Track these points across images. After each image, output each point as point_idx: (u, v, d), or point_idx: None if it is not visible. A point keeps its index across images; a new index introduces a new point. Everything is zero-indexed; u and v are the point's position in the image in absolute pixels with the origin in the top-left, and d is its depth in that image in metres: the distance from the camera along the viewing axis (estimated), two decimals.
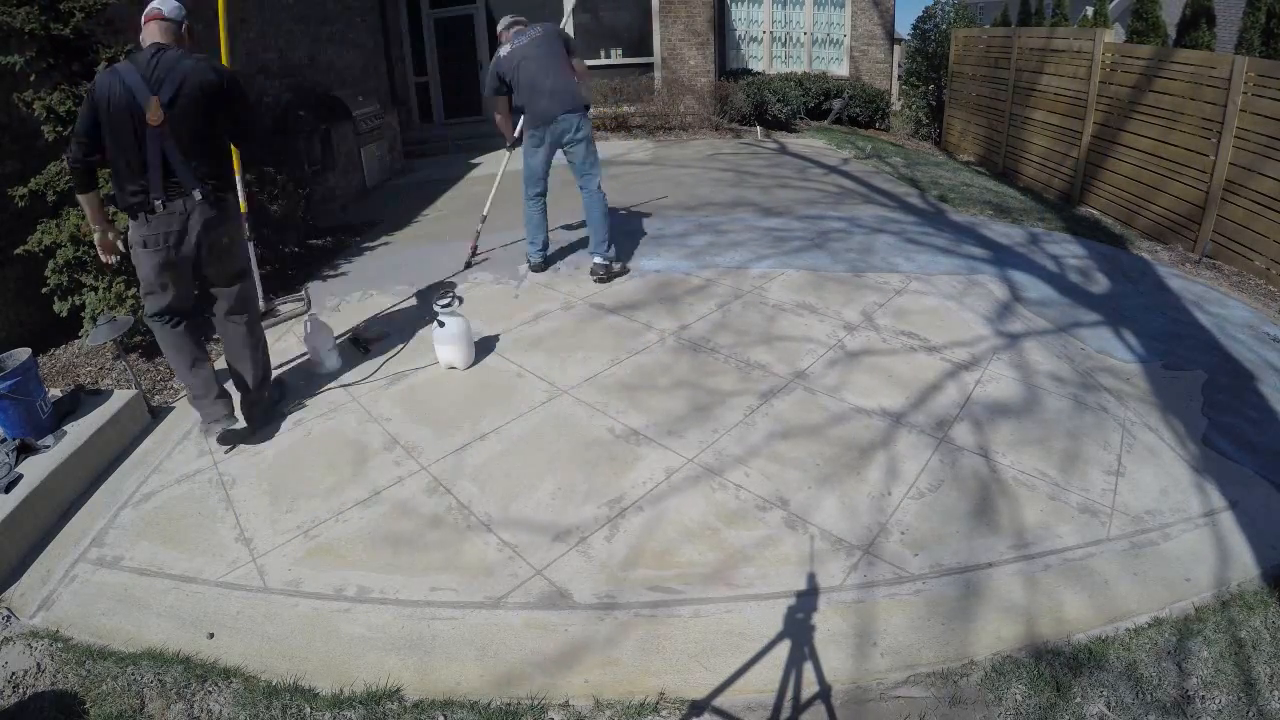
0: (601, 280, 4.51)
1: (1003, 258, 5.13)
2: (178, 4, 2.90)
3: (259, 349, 3.22)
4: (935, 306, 4.26)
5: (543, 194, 4.67)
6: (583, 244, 5.36)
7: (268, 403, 3.33)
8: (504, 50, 4.36)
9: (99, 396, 3.27)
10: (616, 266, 4.58)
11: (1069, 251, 5.42)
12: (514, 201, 6.94)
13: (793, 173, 7.63)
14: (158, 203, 2.77)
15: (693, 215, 5.99)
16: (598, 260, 4.53)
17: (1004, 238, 5.63)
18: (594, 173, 4.49)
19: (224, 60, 3.17)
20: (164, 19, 2.82)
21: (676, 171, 7.75)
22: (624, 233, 5.60)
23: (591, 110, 10.93)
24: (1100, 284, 4.81)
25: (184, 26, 2.90)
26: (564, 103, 4.29)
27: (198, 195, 2.81)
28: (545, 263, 4.85)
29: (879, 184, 7.23)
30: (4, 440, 2.90)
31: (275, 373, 3.47)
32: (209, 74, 2.79)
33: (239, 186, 3.24)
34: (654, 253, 5.14)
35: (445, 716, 2.02)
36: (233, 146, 3.17)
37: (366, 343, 3.97)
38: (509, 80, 4.33)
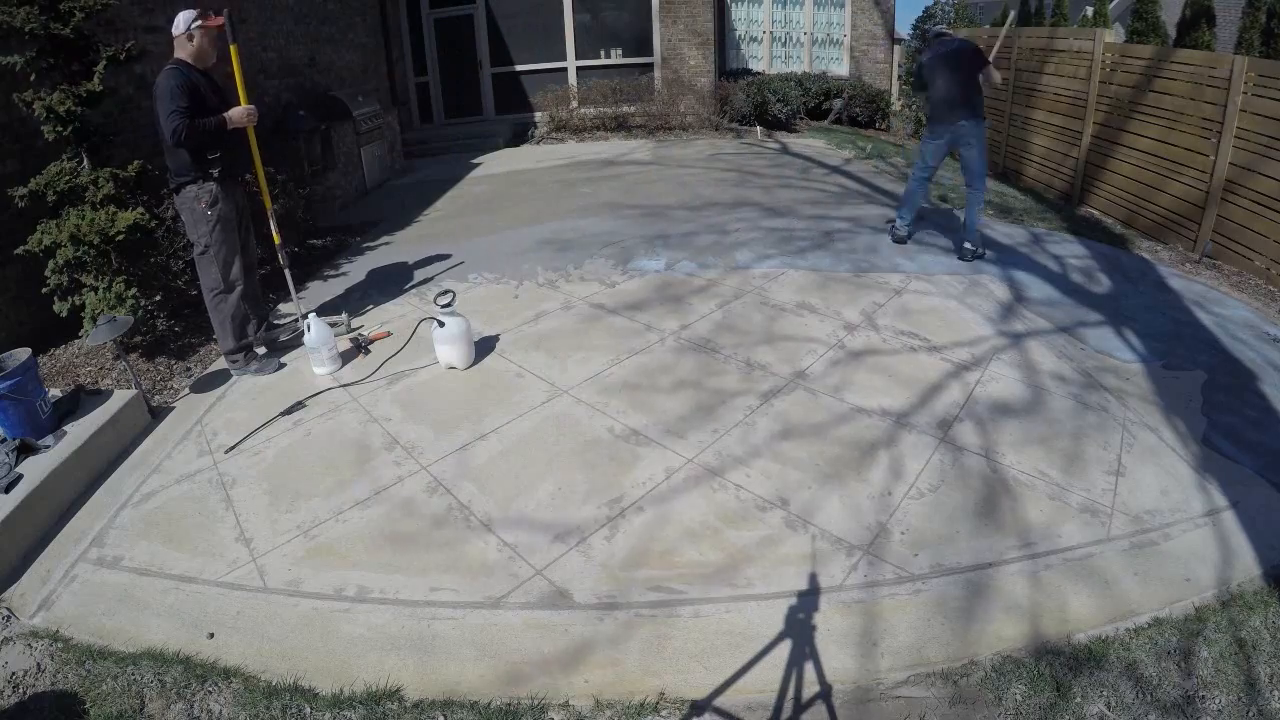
0: (966, 259, 4.98)
1: (1004, 258, 5.13)
2: (181, 16, 3.42)
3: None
4: (937, 306, 4.26)
5: (928, 179, 5.23)
6: (578, 245, 5.36)
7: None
8: (926, 55, 5.01)
9: (99, 396, 3.27)
10: (982, 251, 5.03)
11: (1069, 251, 5.42)
12: (511, 201, 6.95)
13: (794, 173, 7.64)
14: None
15: (696, 215, 5.99)
16: (967, 246, 5.01)
17: (1005, 238, 5.63)
18: (982, 175, 4.97)
19: (242, 100, 3.55)
20: (173, 35, 3.47)
21: (679, 171, 7.75)
22: (627, 233, 5.60)
23: (591, 110, 10.94)
24: (1101, 284, 4.81)
25: (183, 36, 3.44)
26: (965, 112, 4.81)
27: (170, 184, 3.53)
28: (908, 237, 5.35)
29: (881, 184, 7.24)
30: (4, 440, 2.89)
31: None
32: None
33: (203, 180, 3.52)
34: (657, 252, 5.14)
35: (445, 716, 2.01)
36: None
37: (366, 343, 3.98)
38: (925, 79, 5.00)
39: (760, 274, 4.72)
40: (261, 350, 3.91)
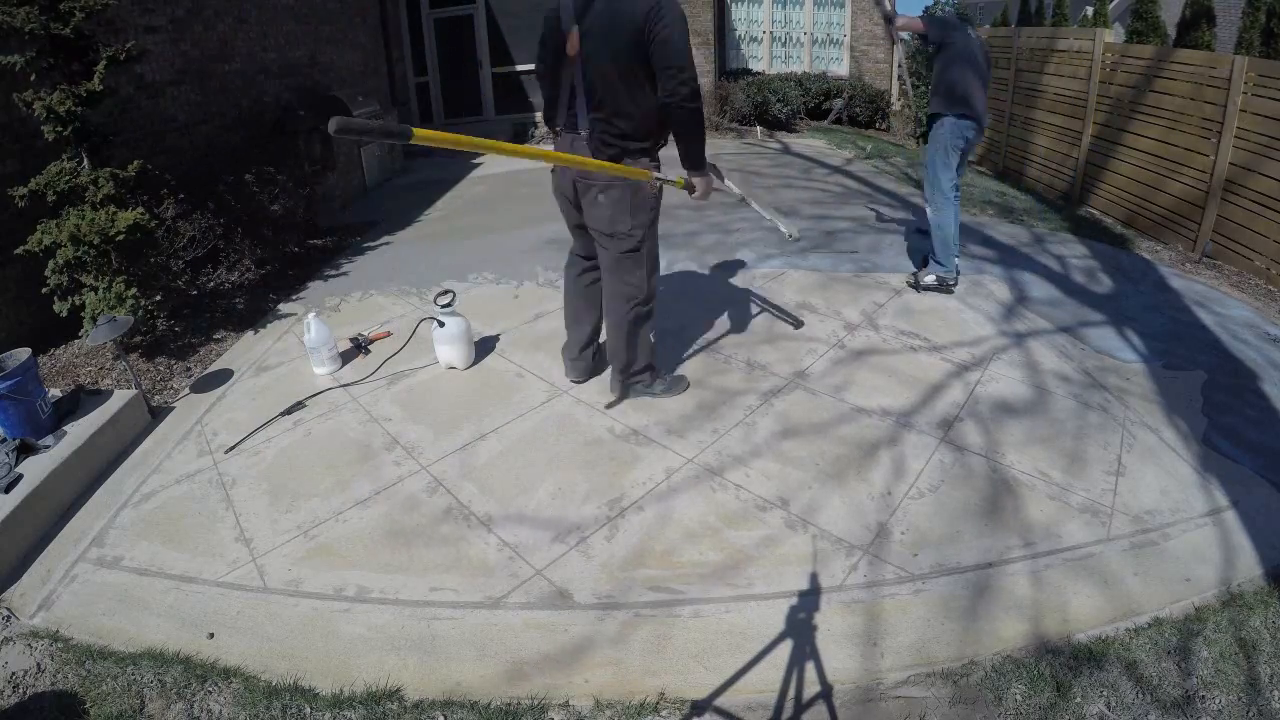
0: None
1: (1005, 258, 5.13)
2: None
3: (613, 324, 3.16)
4: (939, 306, 4.26)
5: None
6: None
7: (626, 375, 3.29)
8: (955, 34, 4.38)
9: (99, 396, 3.27)
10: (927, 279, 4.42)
11: (1070, 251, 5.42)
12: (511, 201, 6.95)
13: (796, 173, 7.64)
14: None
15: (699, 214, 5.99)
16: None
17: (1006, 238, 5.63)
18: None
19: None
20: None
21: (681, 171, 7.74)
22: None
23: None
24: (1101, 284, 4.81)
25: None
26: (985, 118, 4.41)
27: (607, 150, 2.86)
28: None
29: (882, 184, 7.24)
30: (4, 440, 2.89)
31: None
32: None
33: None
34: (665, 252, 5.13)
35: (445, 716, 2.01)
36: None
37: (366, 343, 3.98)
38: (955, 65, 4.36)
39: (765, 273, 4.72)
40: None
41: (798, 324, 3.96)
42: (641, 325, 3.11)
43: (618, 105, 2.75)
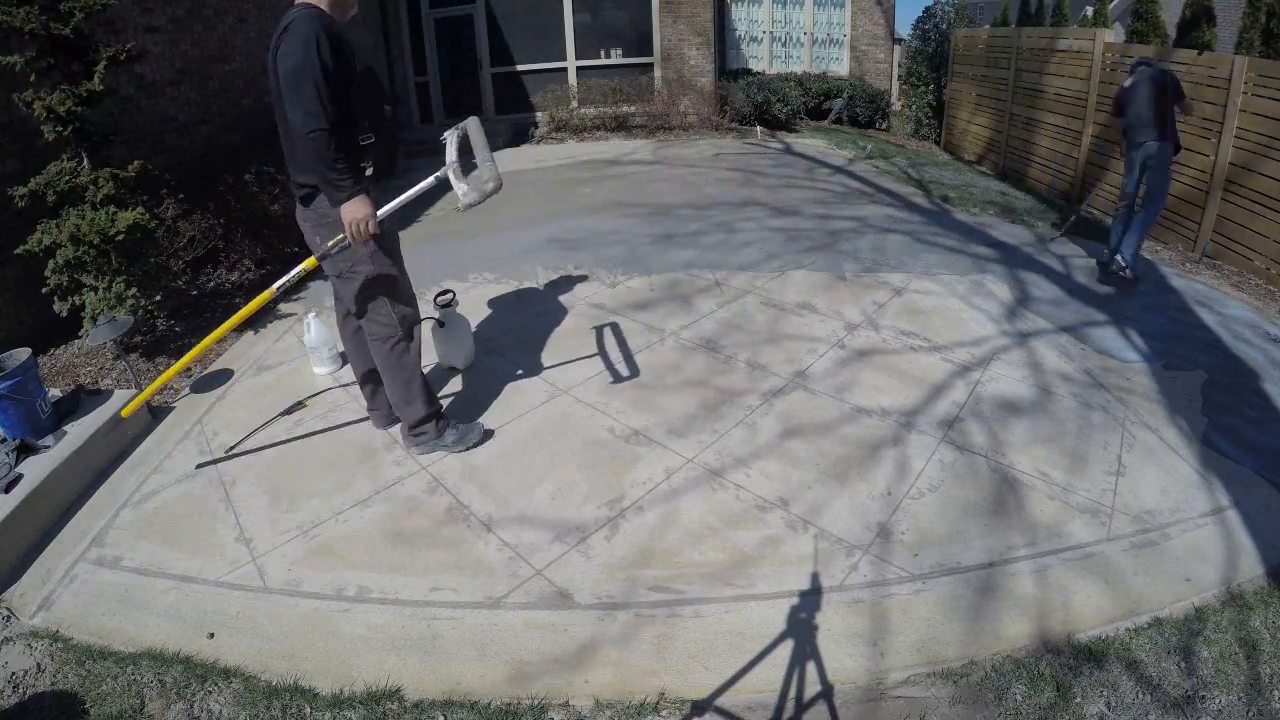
0: (1106, 275, 4.85)
1: (1006, 258, 5.13)
2: None
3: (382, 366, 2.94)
4: (940, 306, 4.26)
5: (1130, 206, 4.96)
6: (580, 245, 5.36)
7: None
8: (1126, 81, 5.01)
9: (99, 396, 3.26)
10: (1132, 274, 4.79)
11: (1070, 252, 5.42)
12: (511, 201, 6.95)
13: (798, 173, 7.64)
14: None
15: (703, 214, 5.99)
16: (1120, 261, 4.82)
17: (1007, 237, 5.63)
18: (1161, 189, 4.89)
19: None
20: None
21: (683, 171, 7.74)
22: (634, 232, 5.60)
23: (591, 110, 10.90)
24: (1101, 284, 4.81)
25: None
26: (1148, 134, 4.77)
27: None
28: (1103, 268, 4.98)
29: (884, 184, 7.24)
30: (4, 440, 2.89)
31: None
32: None
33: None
34: (665, 252, 5.14)
35: (445, 716, 2.01)
36: None
37: None
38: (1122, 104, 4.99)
39: (769, 273, 4.72)
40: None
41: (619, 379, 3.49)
42: (404, 364, 2.86)
43: (287, 137, 2.67)
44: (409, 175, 8.60)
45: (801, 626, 2.24)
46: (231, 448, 3.15)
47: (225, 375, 3.78)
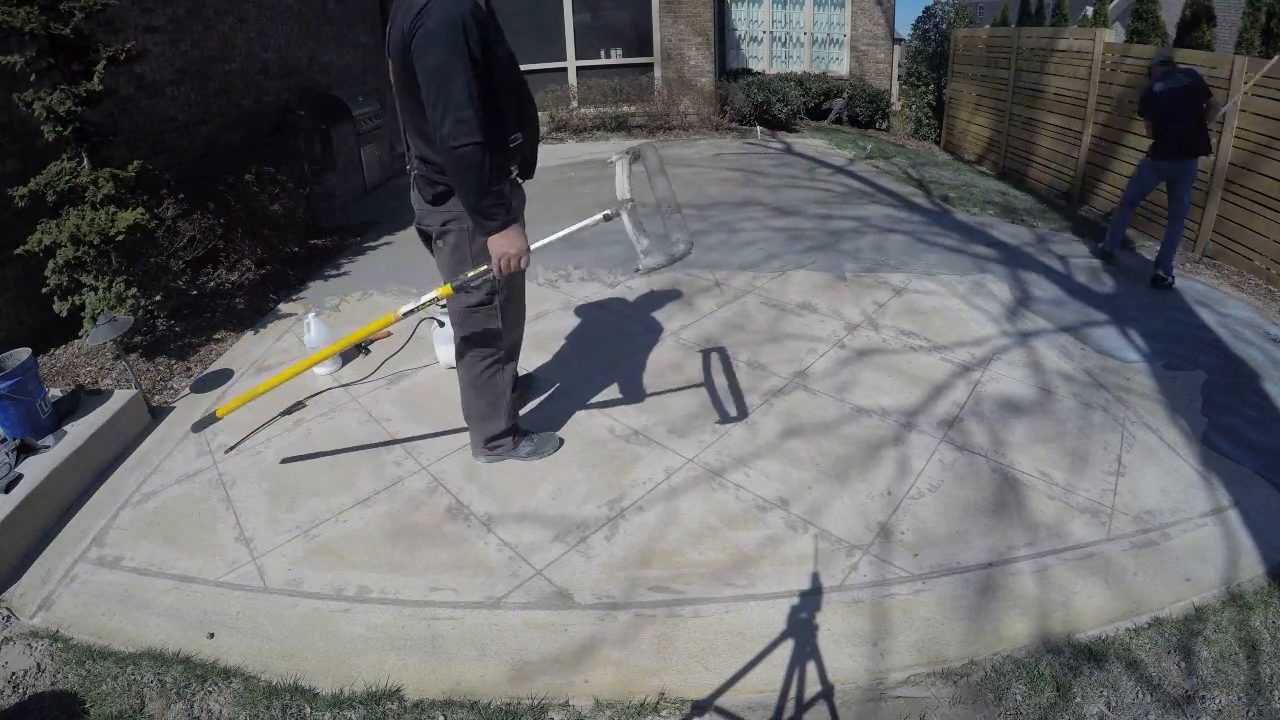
0: (1156, 286, 4.81)
1: (1006, 258, 5.13)
2: None
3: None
4: (941, 306, 4.26)
5: (1133, 205, 5.21)
6: (581, 245, 5.36)
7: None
8: (1156, 86, 4.88)
9: (99, 396, 3.26)
10: (1170, 280, 4.81)
11: (1071, 251, 5.42)
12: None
13: (798, 173, 7.64)
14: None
15: (704, 214, 5.99)
16: (1159, 273, 4.83)
17: (1008, 237, 5.63)
18: (1189, 199, 4.96)
19: None
20: None
21: (684, 171, 7.74)
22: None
23: (591, 110, 10.90)
24: (1101, 284, 4.81)
25: None
26: (1184, 150, 4.79)
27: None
28: (1108, 256, 5.24)
29: (884, 184, 7.24)
30: (4, 440, 2.89)
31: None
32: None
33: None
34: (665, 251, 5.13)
35: (445, 716, 2.01)
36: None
37: (367, 343, 3.98)
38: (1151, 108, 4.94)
39: (770, 272, 4.73)
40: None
41: (727, 419, 3.21)
42: (495, 383, 2.73)
43: (418, 132, 2.30)
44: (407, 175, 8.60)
45: (802, 626, 2.24)
46: (231, 447, 3.15)
47: (225, 375, 3.77)
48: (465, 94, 2.06)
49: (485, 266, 2.32)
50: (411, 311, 2.45)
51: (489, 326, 2.58)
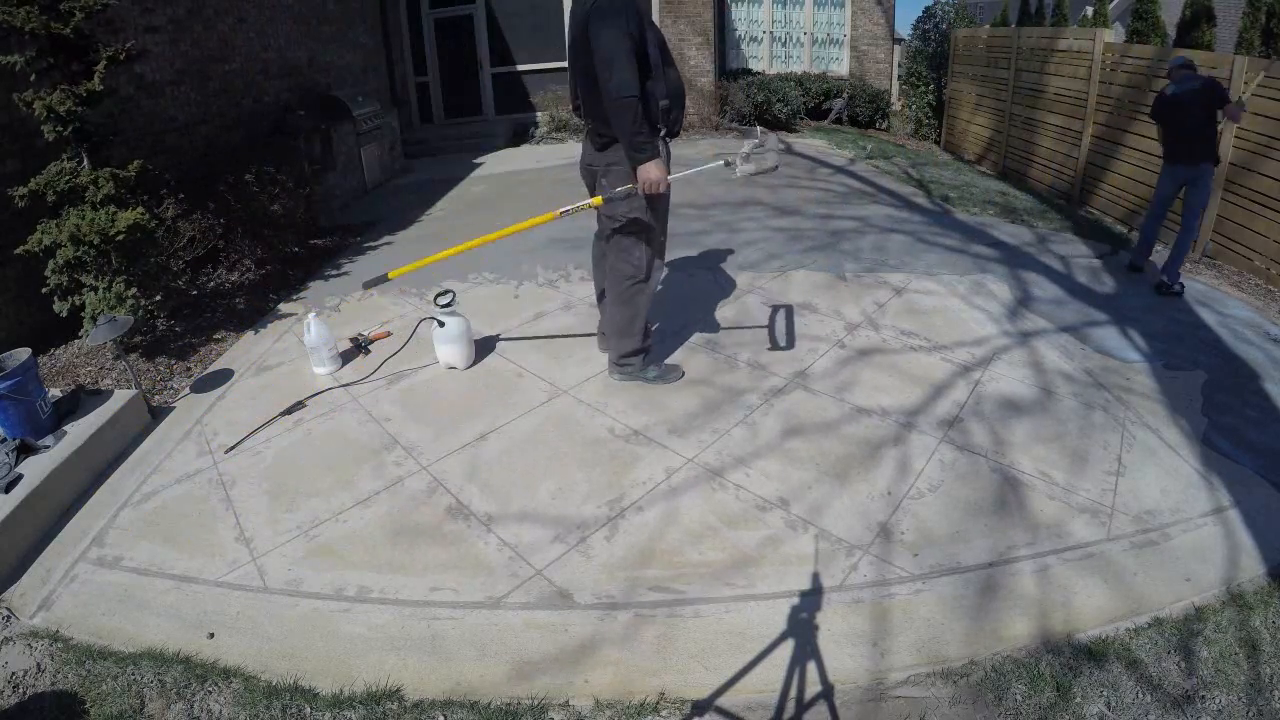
0: (1161, 294, 4.73)
1: (1007, 258, 5.13)
2: None
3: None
4: (941, 306, 4.26)
5: (1158, 216, 5.01)
6: (581, 245, 5.36)
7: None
8: (1168, 89, 4.81)
9: (99, 396, 3.26)
10: (1178, 287, 4.73)
11: (1071, 251, 5.42)
12: (512, 201, 6.95)
13: (799, 173, 7.63)
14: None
15: (705, 214, 5.99)
16: (1164, 279, 4.76)
17: (1008, 237, 5.63)
18: (1203, 205, 4.86)
19: None
20: None
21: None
22: None
23: None
24: (1102, 284, 4.81)
25: None
26: (1196, 154, 4.70)
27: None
28: (1136, 267, 5.09)
29: (885, 184, 7.24)
30: (4, 440, 2.89)
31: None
32: None
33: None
34: (666, 251, 5.13)
35: (445, 716, 2.01)
36: None
37: (366, 343, 3.98)
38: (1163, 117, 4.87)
39: (768, 273, 4.72)
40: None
41: (776, 347, 3.78)
42: (635, 302, 3.23)
43: (590, 95, 2.98)
44: (411, 175, 8.61)
45: (802, 626, 2.24)
46: (231, 448, 3.15)
47: (225, 375, 3.78)
48: (627, 60, 2.73)
49: (630, 185, 2.96)
50: (568, 212, 3.12)
51: (633, 250, 3.17)
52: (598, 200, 3.06)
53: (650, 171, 2.88)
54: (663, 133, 3.02)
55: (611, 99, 2.76)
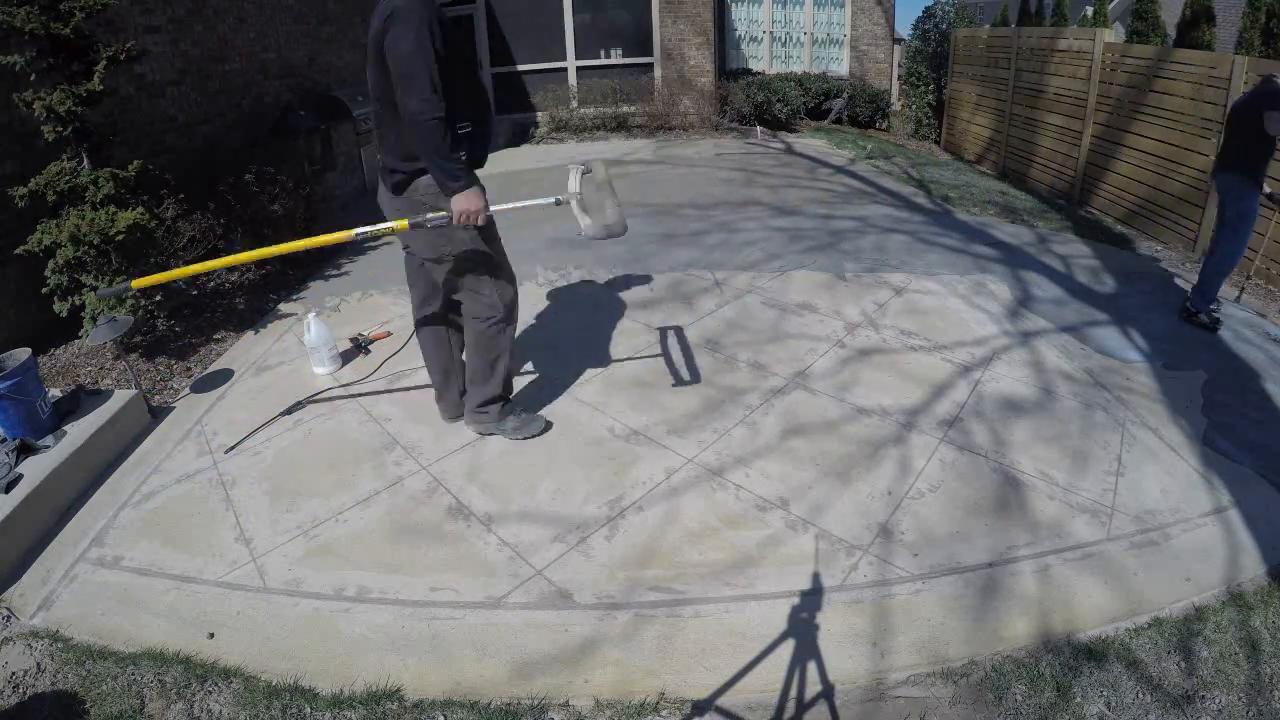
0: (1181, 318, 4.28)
1: (1007, 258, 5.13)
2: None
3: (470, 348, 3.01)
4: (941, 306, 4.26)
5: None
6: (582, 245, 5.36)
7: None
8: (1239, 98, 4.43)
9: (99, 396, 3.26)
10: (1210, 319, 4.19)
11: (1071, 251, 5.42)
12: (510, 201, 6.95)
13: (800, 173, 7.64)
14: None
15: (706, 214, 6.00)
16: (1188, 304, 4.28)
17: (1008, 238, 5.63)
18: (1224, 227, 4.26)
19: None
20: None
21: (685, 171, 7.75)
22: (636, 232, 5.59)
23: (591, 110, 10.88)
24: (1102, 284, 4.81)
25: None
26: (1221, 164, 4.28)
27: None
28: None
29: (885, 184, 7.24)
30: (4, 440, 2.89)
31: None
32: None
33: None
34: (667, 251, 5.14)
35: (445, 716, 2.01)
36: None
37: (366, 343, 3.98)
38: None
39: (768, 273, 4.72)
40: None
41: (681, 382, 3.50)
42: (496, 343, 2.91)
43: (388, 123, 2.59)
44: None
45: (802, 626, 2.24)
46: (231, 448, 3.15)
47: (225, 375, 3.78)
48: (428, 78, 2.34)
49: (442, 211, 2.54)
50: (365, 234, 2.62)
51: (481, 288, 2.83)
52: (402, 224, 2.55)
53: (466, 203, 2.49)
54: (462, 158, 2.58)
55: (415, 120, 2.36)
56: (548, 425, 3.17)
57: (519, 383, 3.49)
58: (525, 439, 3.10)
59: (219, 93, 5.88)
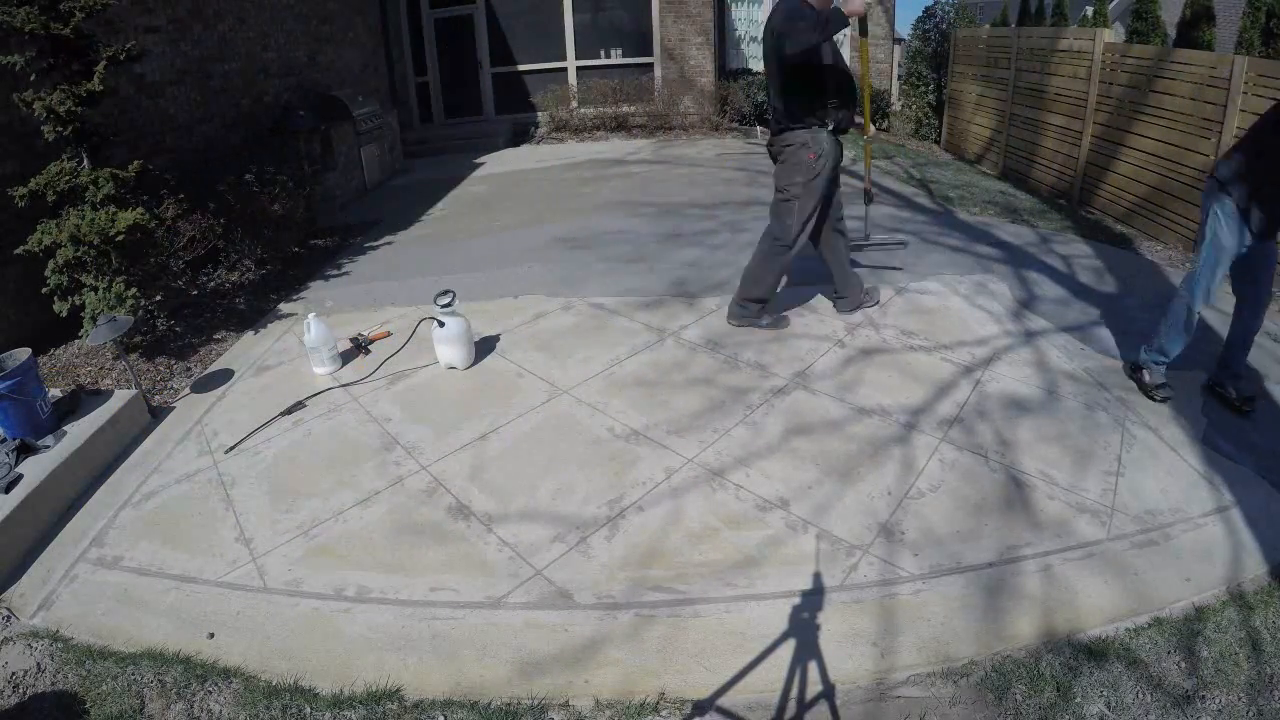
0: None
1: (1008, 258, 5.13)
2: None
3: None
4: (943, 306, 4.26)
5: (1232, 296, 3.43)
6: (581, 245, 5.35)
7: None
8: None
9: (99, 396, 3.26)
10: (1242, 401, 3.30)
11: (1071, 252, 5.41)
12: (512, 201, 6.95)
13: None
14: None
15: (710, 213, 6.00)
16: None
17: (1009, 237, 5.63)
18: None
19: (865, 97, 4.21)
20: None
21: (686, 171, 7.76)
22: (642, 231, 5.60)
23: (591, 110, 10.88)
24: (1102, 284, 4.81)
25: None
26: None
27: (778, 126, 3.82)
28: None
29: (886, 184, 7.23)
30: (4, 440, 2.89)
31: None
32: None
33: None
34: (671, 251, 5.14)
35: (445, 716, 2.01)
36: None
37: (366, 343, 3.98)
38: None
39: None
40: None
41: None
42: (774, 260, 3.79)
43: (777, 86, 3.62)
44: (411, 175, 8.61)
45: (802, 626, 2.24)
46: (231, 448, 3.15)
47: (225, 375, 3.78)
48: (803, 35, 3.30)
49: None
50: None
51: (787, 218, 3.74)
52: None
53: (852, 5, 3.38)
54: (829, 125, 3.60)
55: (792, 55, 3.32)
56: (788, 323, 3.98)
57: None
58: (777, 331, 3.91)
59: (219, 93, 5.88)
